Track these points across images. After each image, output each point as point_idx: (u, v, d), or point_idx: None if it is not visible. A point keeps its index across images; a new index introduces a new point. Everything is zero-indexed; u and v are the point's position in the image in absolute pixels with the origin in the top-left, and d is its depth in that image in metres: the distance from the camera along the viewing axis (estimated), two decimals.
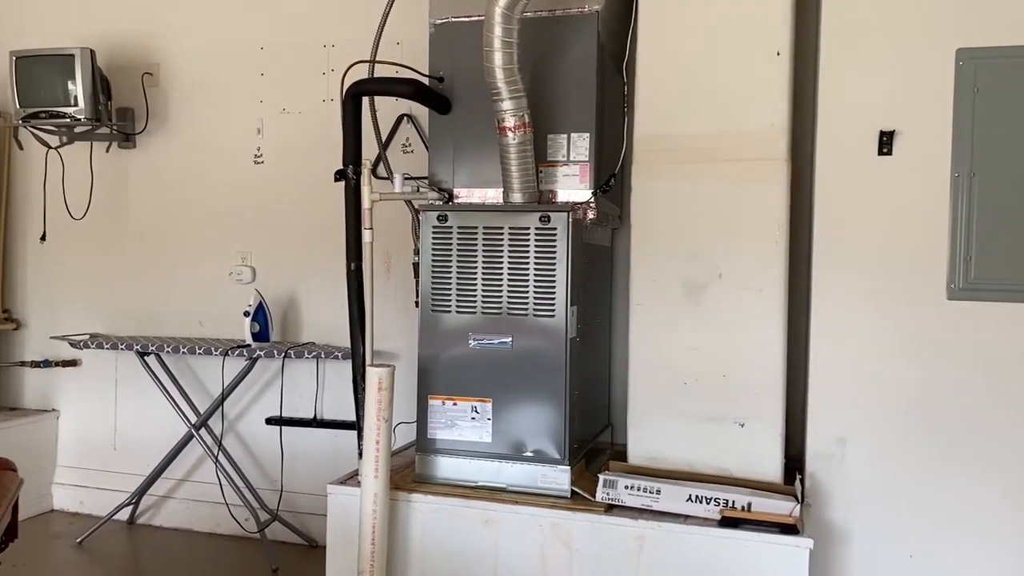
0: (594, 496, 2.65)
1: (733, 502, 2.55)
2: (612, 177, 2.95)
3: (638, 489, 2.63)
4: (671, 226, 2.83)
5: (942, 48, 2.66)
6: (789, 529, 2.44)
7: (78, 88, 3.97)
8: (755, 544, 2.45)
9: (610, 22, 2.96)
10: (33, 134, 4.26)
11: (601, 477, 2.67)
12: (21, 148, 4.44)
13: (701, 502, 2.57)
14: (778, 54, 2.73)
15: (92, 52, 4.01)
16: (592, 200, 2.85)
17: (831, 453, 2.77)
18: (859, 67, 2.74)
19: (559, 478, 2.72)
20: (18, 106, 4.04)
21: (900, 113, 2.70)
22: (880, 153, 2.72)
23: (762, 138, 2.73)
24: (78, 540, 3.99)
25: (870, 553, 2.73)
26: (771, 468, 2.72)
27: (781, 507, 2.52)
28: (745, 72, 2.76)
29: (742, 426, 2.75)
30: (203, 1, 4.26)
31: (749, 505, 2.54)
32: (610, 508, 2.63)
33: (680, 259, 2.81)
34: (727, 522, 2.51)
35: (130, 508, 4.21)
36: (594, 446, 3.16)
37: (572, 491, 2.71)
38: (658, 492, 2.61)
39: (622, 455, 2.92)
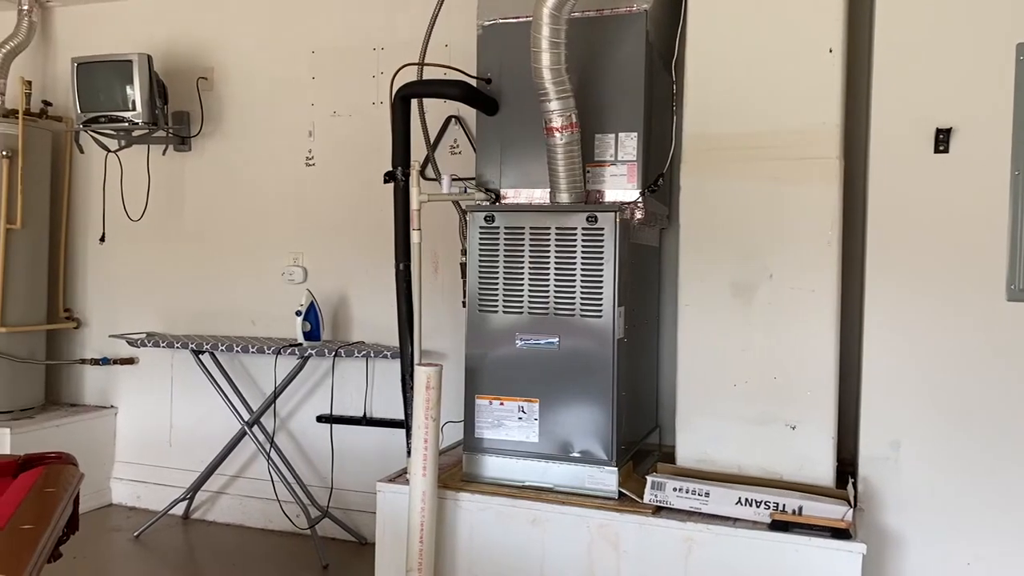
0: (642, 498, 2.64)
1: (784, 505, 2.52)
2: (660, 176, 2.93)
3: (687, 491, 2.61)
4: (721, 226, 2.80)
5: (1001, 42, 2.59)
6: (841, 534, 2.40)
7: (136, 93, 4.07)
8: (806, 548, 2.41)
9: (659, 20, 2.94)
10: (93, 138, 4.38)
11: (649, 479, 2.66)
12: (82, 151, 4.57)
13: (751, 505, 2.54)
14: (830, 50, 2.69)
15: (149, 58, 4.11)
16: (640, 200, 2.83)
17: (885, 457, 2.72)
18: (914, 63, 2.69)
19: (606, 479, 2.71)
20: (79, 111, 4.16)
21: (957, 110, 2.64)
22: (936, 151, 2.66)
23: (814, 136, 2.69)
24: (135, 534, 4.09)
25: (926, 560, 2.68)
26: (823, 471, 2.68)
27: (833, 511, 2.48)
28: (796, 69, 2.72)
29: (793, 428, 2.71)
30: (256, 7, 4.34)
31: (800, 509, 2.50)
32: (658, 510, 2.61)
33: (730, 259, 2.79)
34: (777, 526, 2.48)
35: (185, 503, 4.31)
36: (642, 448, 3.15)
37: (619, 492, 2.70)
38: (707, 495, 2.59)
39: (670, 457, 2.90)
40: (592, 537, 2.62)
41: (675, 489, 2.61)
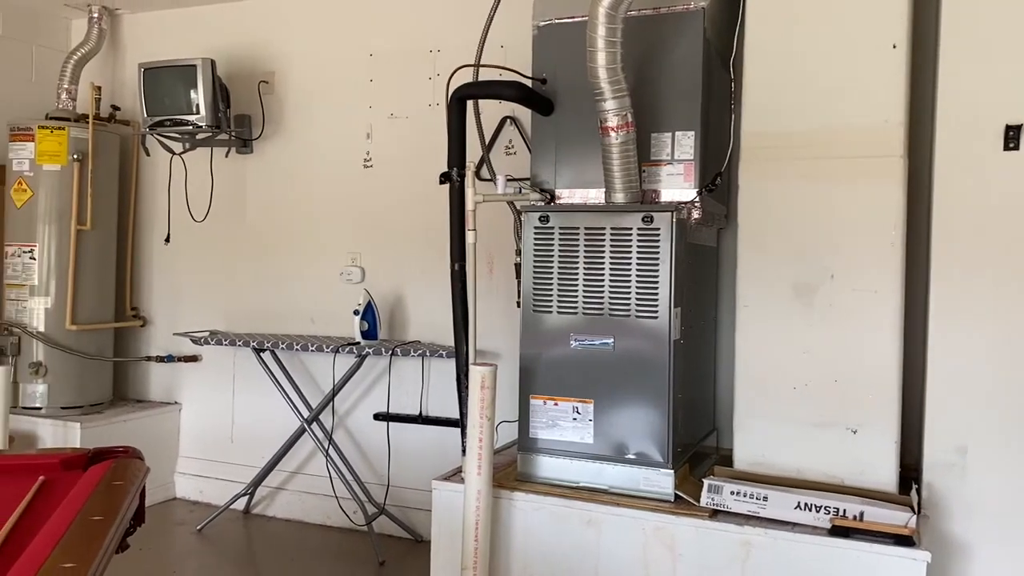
0: (698, 501, 2.61)
1: (844, 511, 2.47)
2: (718, 176, 2.89)
3: (744, 495, 2.57)
4: (780, 225, 2.75)
5: None
6: (904, 540, 2.34)
7: (199, 97, 4.17)
8: (867, 555, 2.36)
9: (716, 18, 2.90)
10: (159, 141, 4.50)
11: (706, 482, 2.63)
12: (148, 154, 4.70)
13: (810, 510, 2.49)
14: (894, 46, 2.62)
15: (212, 62, 4.21)
16: (697, 199, 2.80)
17: (951, 463, 2.64)
18: (982, 58, 2.60)
19: (662, 481, 2.69)
20: (145, 115, 4.28)
21: None
22: (1006, 148, 2.58)
23: (877, 134, 2.63)
24: (198, 527, 4.19)
25: (992, 570, 2.59)
26: (885, 477, 2.62)
27: (896, 517, 2.42)
28: (859, 66, 2.66)
29: (854, 433, 2.65)
30: (315, 11, 4.40)
31: (861, 514, 2.45)
32: (715, 513, 2.58)
33: (790, 260, 2.74)
34: (838, 531, 2.43)
35: (246, 498, 4.40)
36: (698, 450, 3.11)
37: (676, 495, 2.67)
38: (765, 499, 2.55)
39: (727, 460, 2.87)
40: (648, 539, 2.60)
41: (732, 492, 2.58)
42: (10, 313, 4.32)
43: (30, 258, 4.30)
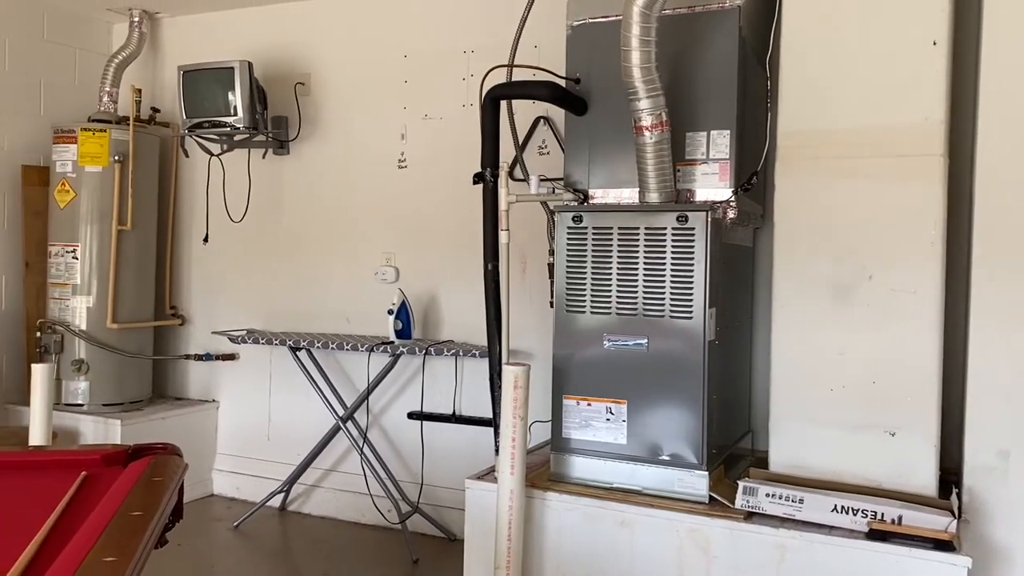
0: (733, 503, 2.59)
1: (882, 514, 2.43)
2: (754, 175, 2.87)
3: (780, 497, 2.54)
4: (817, 225, 2.72)
5: None
6: (944, 545, 2.30)
7: (237, 99, 4.22)
8: (906, 560, 2.32)
9: (752, 16, 2.88)
10: (197, 142, 4.56)
11: (741, 484, 2.60)
12: (187, 155, 4.77)
13: (847, 513, 2.46)
14: (934, 43, 2.58)
15: (250, 65, 4.26)
16: (732, 199, 2.78)
17: (992, 466, 2.59)
18: None
19: (696, 483, 2.67)
20: (184, 117, 4.34)
21: None
22: None
23: (917, 133, 2.59)
24: (235, 524, 4.24)
25: None
26: (924, 480, 2.58)
27: (935, 522, 2.38)
28: (898, 63, 2.62)
29: (893, 435, 2.61)
30: (351, 13, 4.44)
31: (900, 518, 2.41)
32: (750, 516, 2.56)
33: (827, 260, 2.70)
34: (875, 535, 2.39)
35: (282, 495, 4.44)
36: (733, 452, 3.09)
37: (710, 497, 2.65)
38: (801, 501, 2.52)
39: (763, 462, 2.84)
40: (682, 541, 2.59)
41: (768, 495, 2.56)
42: (53, 312, 4.41)
43: (73, 258, 4.38)
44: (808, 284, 2.73)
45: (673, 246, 2.68)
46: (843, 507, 2.47)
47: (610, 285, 2.77)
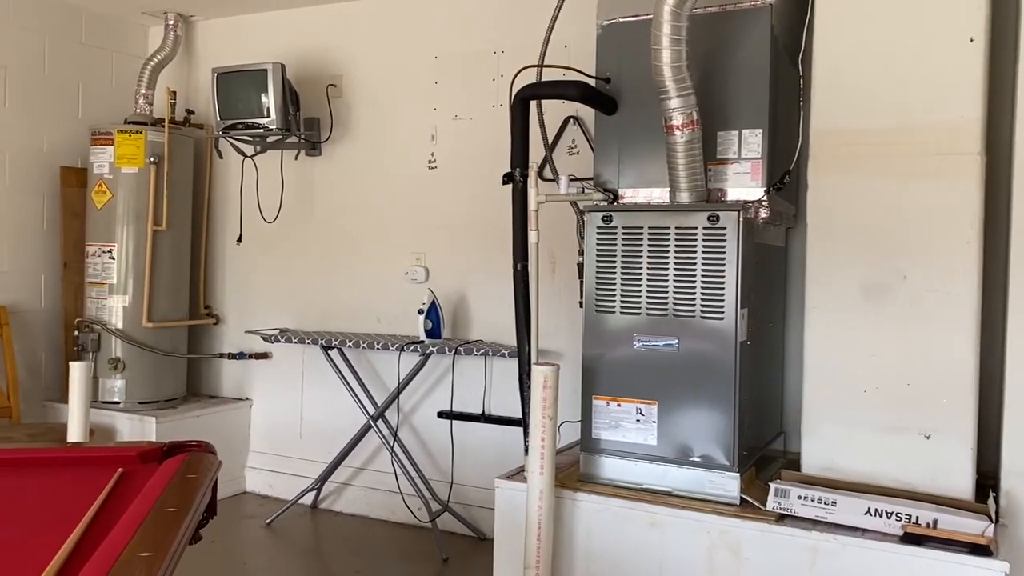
0: (765, 505, 2.57)
1: (917, 518, 2.40)
2: (787, 174, 2.84)
3: (812, 500, 2.52)
4: (851, 225, 2.69)
5: None
6: (980, 550, 2.27)
7: (270, 101, 4.26)
8: (941, 564, 2.29)
9: (784, 13, 2.85)
10: (231, 144, 4.61)
11: (772, 486, 2.58)
12: (221, 157, 4.82)
13: (881, 516, 2.43)
14: (971, 40, 2.53)
15: (283, 67, 4.30)
16: (765, 198, 2.76)
17: None
18: None
19: (728, 485, 2.65)
20: (218, 118, 4.39)
21: None
22: None
23: (953, 131, 2.55)
24: (267, 521, 4.29)
25: None
26: (960, 483, 2.53)
27: (971, 526, 2.34)
28: (934, 60, 2.58)
29: (928, 438, 2.57)
30: (382, 15, 4.46)
31: (935, 522, 2.38)
32: (782, 518, 2.54)
33: (860, 260, 2.67)
34: (910, 539, 2.36)
35: (313, 493, 4.48)
36: (765, 454, 3.06)
37: (741, 498, 2.64)
38: (834, 504, 2.49)
39: (795, 464, 2.81)
40: (712, 543, 2.57)
41: (800, 497, 2.53)
42: (91, 311, 4.49)
43: (109, 258, 4.46)
44: (841, 284, 2.70)
45: (704, 246, 2.67)
46: (877, 510, 2.44)
47: (640, 285, 2.76)
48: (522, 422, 2.96)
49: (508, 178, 2.95)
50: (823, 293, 2.73)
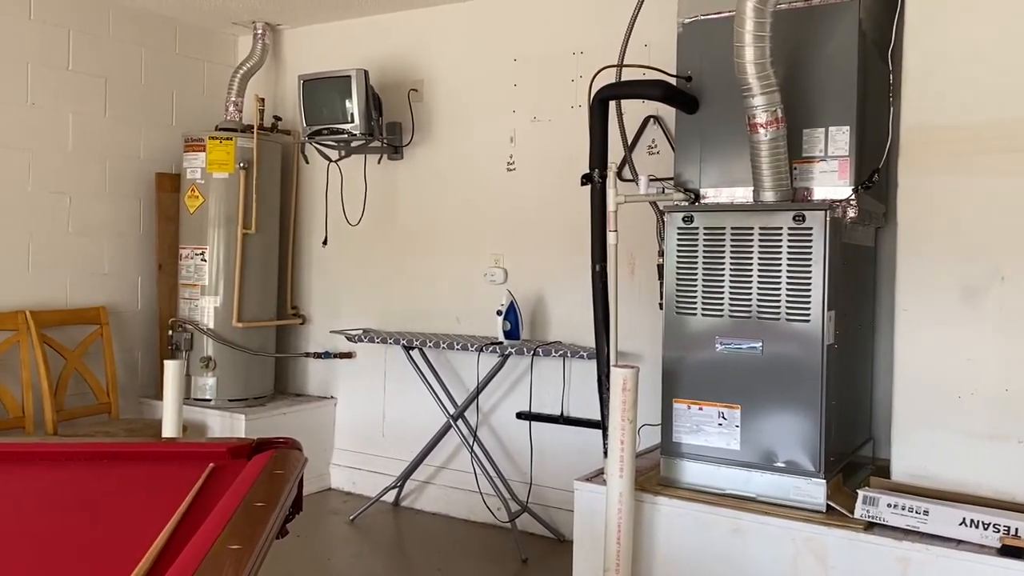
0: (852, 512, 2.49)
1: (1016, 529, 2.29)
2: (876, 172, 2.76)
3: (903, 508, 2.43)
4: (944, 224, 2.59)
5: None
6: None
7: (354, 106, 4.34)
8: None
9: (872, 7, 2.77)
10: (317, 149, 4.72)
11: (861, 493, 2.51)
12: (307, 162, 4.94)
13: (977, 527, 2.33)
14: None
15: (366, 73, 4.38)
16: (852, 197, 2.68)
17: None
18: None
19: (814, 491, 2.59)
20: (304, 124, 4.50)
21: None
22: None
23: None
24: (351, 518, 4.37)
25: None
26: None
27: None
28: None
29: None
30: (462, 20, 4.50)
31: None
32: (870, 526, 2.46)
33: (954, 260, 2.57)
34: (1008, 551, 2.26)
35: (395, 491, 4.55)
36: (853, 460, 2.97)
37: (828, 506, 2.57)
38: (926, 513, 2.40)
39: (884, 471, 2.72)
40: (798, 550, 2.51)
41: (890, 505, 2.45)
42: (184, 311, 4.66)
43: (201, 260, 4.62)
44: (934, 285, 2.60)
45: (790, 246, 2.61)
46: (972, 520, 2.34)
47: (722, 287, 2.72)
48: (601, 424, 2.95)
49: (587, 179, 2.94)
50: (915, 294, 2.64)
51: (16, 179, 4.23)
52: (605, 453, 2.77)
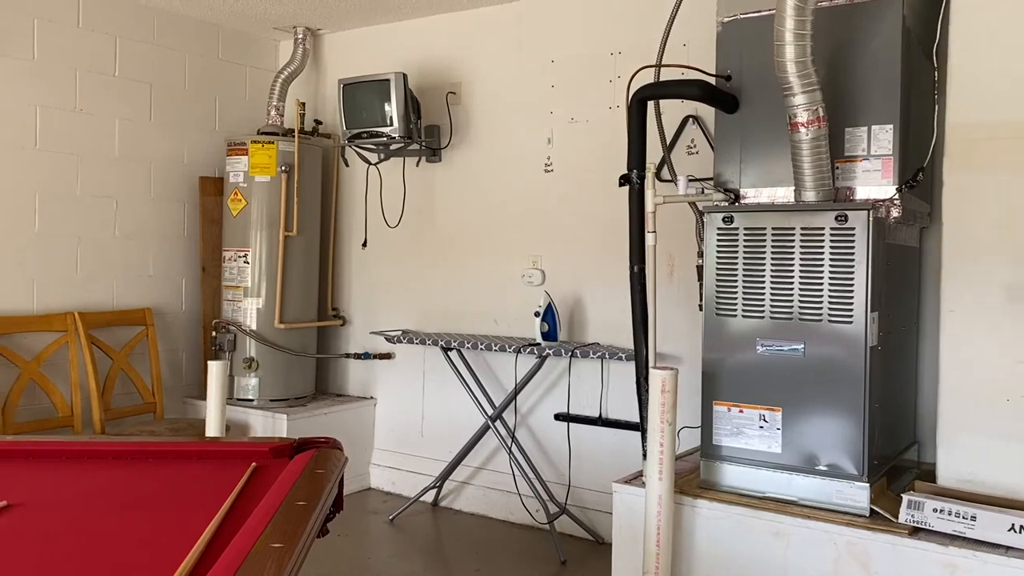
0: (896, 517, 2.45)
1: None
2: (920, 171, 2.71)
3: (949, 513, 2.39)
4: (992, 224, 2.54)
5: None
6: None
7: (393, 110, 4.38)
8: None
9: (916, 4, 2.72)
10: (356, 152, 4.77)
11: (905, 497, 2.46)
12: (347, 165, 5.00)
13: None
14: None
15: (404, 76, 4.41)
16: (896, 197, 2.63)
17: None
18: None
19: (856, 495, 2.55)
20: (344, 128, 4.55)
21: None
22: None
23: None
24: (390, 517, 4.40)
25: None
26: None
27: None
28: None
29: None
30: (499, 22, 4.51)
31: None
32: (915, 531, 2.42)
33: (1002, 260, 2.52)
34: None
35: (434, 491, 4.57)
36: (897, 464, 2.92)
37: (871, 510, 2.53)
38: (973, 518, 2.35)
39: (929, 475, 2.67)
40: (840, 554, 2.47)
41: (935, 510, 2.40)
42: (227, 312, 4.73)
43: (244, 262, 4.69)
44: (981, 287, 2.55)
45: (832, 247, 2.57)
46: (1022, 526, 2.29)
47: (763, 288, 2.69)
48: (640, 426, 2.94)
49: (625, 180, 2.93)
50: (961, 295, 2.59)
51: (65, 184, 4.33)
52: (644, 455, 2.76)
